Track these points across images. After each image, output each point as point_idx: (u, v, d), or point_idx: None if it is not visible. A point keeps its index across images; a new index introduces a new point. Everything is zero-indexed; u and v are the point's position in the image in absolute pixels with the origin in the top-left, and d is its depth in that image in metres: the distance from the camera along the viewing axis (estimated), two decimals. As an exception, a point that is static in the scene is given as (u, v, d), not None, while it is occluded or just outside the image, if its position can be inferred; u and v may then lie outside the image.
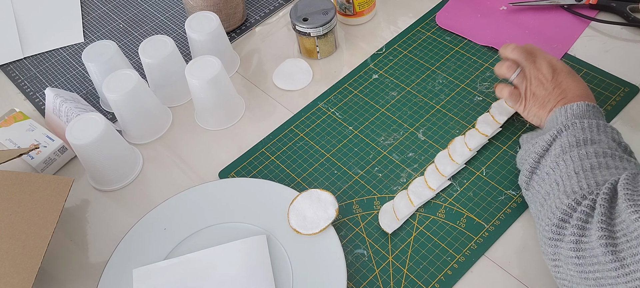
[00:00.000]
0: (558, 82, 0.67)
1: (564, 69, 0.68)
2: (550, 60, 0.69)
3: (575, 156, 0.58)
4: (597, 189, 0.53)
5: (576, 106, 0.63)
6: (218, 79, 0.78)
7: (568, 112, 0.63)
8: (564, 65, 0.69)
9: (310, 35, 0.87)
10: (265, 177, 0.76)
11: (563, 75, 0.68)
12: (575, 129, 0.60)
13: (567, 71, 0.68)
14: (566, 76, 0.68)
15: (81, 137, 0.73)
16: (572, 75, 0.68)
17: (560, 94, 0.66)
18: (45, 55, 1.02)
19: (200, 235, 0.70)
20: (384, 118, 0.81)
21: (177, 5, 1.07)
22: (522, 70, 0.71)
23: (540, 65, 0.69)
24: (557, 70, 0.68)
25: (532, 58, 0.70)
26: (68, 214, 0.77)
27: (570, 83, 0.67)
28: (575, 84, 0.67)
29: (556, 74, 0.68)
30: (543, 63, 0.69)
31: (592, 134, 0.59)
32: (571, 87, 0.66)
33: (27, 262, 0.62)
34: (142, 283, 0.66)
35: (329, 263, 0.65)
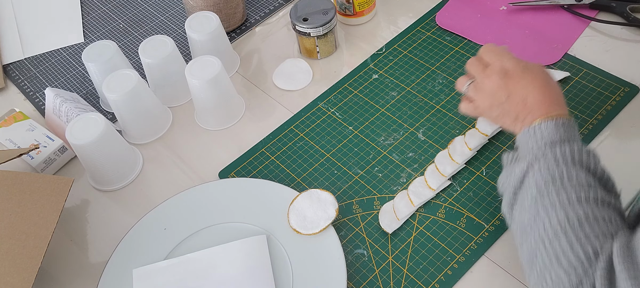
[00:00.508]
0: (511, 88, 0.61)
1: (517, 70, 0.61)
2: (502, 65, 0.62)
3: (555, 202, 0.51)
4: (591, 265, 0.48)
5: (544, 127, 0.56)
6: (218, 79, 0.78)
7: (537, 135, 0.57)
8: (518, 67, 0.62)
9: (310, 35, 0.87)
10: (265, 177, 0.76)
11: (517, 79, 0.61)
12: (547, 162, 0.54)
13: (520, 73, 0.61)
14: (521, 80, 0.60)
15: (81, 137, 0.73)
16: (530, 77, 0.60)
17: (520, 103, 0.60)
18: (45, 55, 1.02)
19: (200, 235, 0.70)
20: (384, 118, 0.81)
21: (177, 5, 1.07)
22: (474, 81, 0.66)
23: (490, 73, 0.63)
24: (509, 74, 0.61)
25: (484, 66, 0.65)
26: (68, 214, 0.77)
27: (528, 88, 0.60)
28: (534, 89, 0.59)
29: (507, 79, 0.61)
30: (493, 70, 0.63)
31: (567, 168, 0.53)
32: (531, 93, 0.59)
33: (27, 262, 0.62)
34: (142, 283, 0.66)
35: (329, 263, 0.65)
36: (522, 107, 0.60)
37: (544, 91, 0.59)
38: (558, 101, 0.59)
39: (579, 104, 0.76)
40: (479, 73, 0.65)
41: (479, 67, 0.65)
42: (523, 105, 0.59)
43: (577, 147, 0.54)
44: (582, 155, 0.54)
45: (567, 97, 0.77)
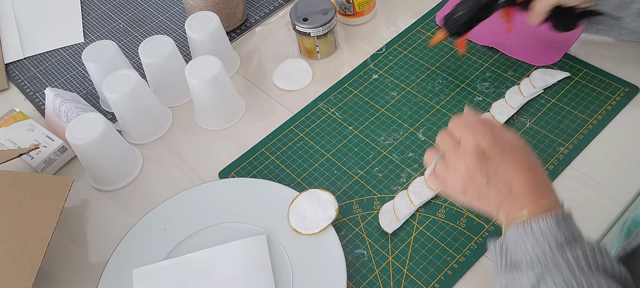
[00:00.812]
0: (490, 173, 0.53)
1: (496, 151, 0.53)
2: (478, 144, 0.54)
3: None
4: None
5: (544, 225, 0.49)
6: (218, 79, 0.78)
7: (537, 235, 0.49)
8: (497, 147, 0.54)
9: (310, 35, 0.87)
10: (265, 177, 0.76)
11: (496, 162, 0.53)
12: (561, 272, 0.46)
13: (499, 155, 0.53)
14: (501, 162, 0.53)
15: (81, 137, 0.73)
16: (512, 159, 0.53)
17: (503, 190, 0.52)
18: (45, 55, 1.02)
19: (200, 235, 0.70)
20: (384, 118, 0.81)
21: (177, 5, 1.07)
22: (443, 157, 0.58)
23: (463, 153, 0.55)
24: (487, 156, 0.53)
25: (456, 142, 0.57)
26: (68, 214, 0.77)
27: (510, 173, 0.52)
28: (518, 174, 0.52)
29: (485, 161, 0.53)
30: (468, 150, 0.54)
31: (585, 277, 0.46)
32: (515, 179, 0.52)
33: (27, 262, 0.62)
34: (142, 283, 0.66)
35: (329, 263, 0.65)
36: (506, 194, 0.52)
37: (529, 176, 0.52)
38: (545, 185, 0.53)
39: (579, 104, 0.77)
40: (451, 150, 0.56)
41: (451, 142, 0.57)
42: (507, 192, 0.52)
43: (588, 247, 0.48)
44: (596, 257, 0.47)
45: (567, 97, 0.78)
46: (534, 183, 0.52)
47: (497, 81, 0.82)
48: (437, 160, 0.58)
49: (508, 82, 0.81)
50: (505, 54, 0.85)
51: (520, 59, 0.83)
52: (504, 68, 0.83)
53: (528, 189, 0.52)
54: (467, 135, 0.55)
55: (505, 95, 0.78)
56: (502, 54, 0.85)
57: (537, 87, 0.78)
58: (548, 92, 0.79)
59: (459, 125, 0.57)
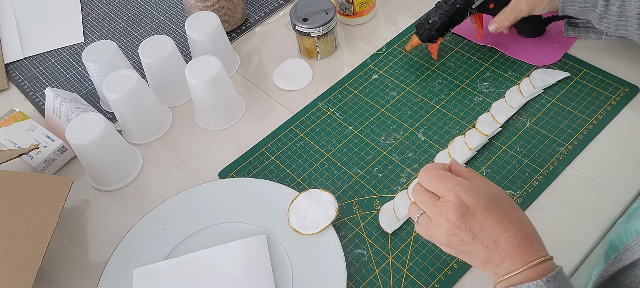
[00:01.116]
0: (475, 229, 0.51)
1: (480, 206, 0.51)
2: (460, 199, 0.51)
3: None
4: None
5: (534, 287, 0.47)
6: (218, 79, 0.78)
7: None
8: (480, 201, 0.51)
9: (310, 35, 0.87)
10: (265, 177, 0.76)
11: (481, 218, 0.51)
12: None
13: (483, 210, 0.51)
14: (486, 218, 0.50)
15: (81, 137, 0.73)
16: (497, 213, 0.51)
17: (491, 246, 0.50)
18: (45, 55, 1.02)
19: (200, 235, 0.70)
20: (384, 118, 0.81)
21: (177, 5, 1.07)
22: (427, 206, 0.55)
23: (445, 209, 0.52)
24: (470, 211, 0.51)
25: (434, 197, 0.54)
26: (68, 214, 0.77)
27: (497, 228, 0.50)
28: (505, 229, 0.50)
29: (469, 217, 0.51)
30: (449, 206, 0.51)
31: None
32: (503, 235, 0.50)
33: (27, 262, 0.62)
34: (142, 283, 0.66)
35: (329, 263, 0.65)
36: (494, 250, 0.50)
37: (517, 231, 0.50)
38: (534, 239, 0.51)
39: (579, 104, 0.77)
40: (431, 207, 0.53)
41: (429, 199, 0.54)
42: (495, 248, 0.50)
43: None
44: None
45: (567, 97, 0.78)
46: (523, 237, 0.50)
47: (497, 81, 0.82)
48: (420, 215, 0.56)
49: (508, 82, 0.81)
50: (505, 54, 0.85)
51: (520, 59, 0.83)
52: (504, 68, 0.83)
53: (518, 244, 0.50)
54: (445, 189, 0.52)
55: (505, 95, 0.78)
56: (502, 54, 0.85)
57: (537, 87, 0.78)
58: (548, 92, 0.79)
59: (431, 178, 0.54)
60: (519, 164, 0.71)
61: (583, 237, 0.64)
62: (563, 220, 0.65)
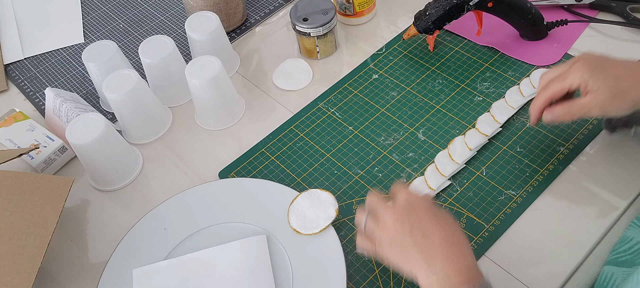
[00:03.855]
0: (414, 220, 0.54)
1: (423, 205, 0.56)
2: (408, 198, 0.56)
3: None
4: None
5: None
6: (218, 79, 0.78)
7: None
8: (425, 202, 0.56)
9: (310, 35, 0.87)
10: (265, 177, 0.76)
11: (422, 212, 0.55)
12: None
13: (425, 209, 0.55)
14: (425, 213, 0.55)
15: (81, 137, 0.73)
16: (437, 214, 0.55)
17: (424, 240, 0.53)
18: (45, 55, 1.03)
19: (200, 235, 0.70)
20: (384, 118, 0.81)
21: (177, 5, 1.07)
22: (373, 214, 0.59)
23: (393, 205, 0.57)
24: (415, 207, 0.56)
25: (383, 203, 0.58)
26: (68, 214, 0.77)
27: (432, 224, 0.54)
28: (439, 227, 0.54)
29: (412, 210, 0.55)
30: (398, 201, 0.57)
31: None
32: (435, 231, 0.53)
33: (27, 262, 0.62)
34: (142, 283, 0.66)
35: (329, 263, 0.65)
36: (426, 246, 0.53)
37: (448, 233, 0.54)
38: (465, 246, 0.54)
39: (579, 104, 0.76)
40: (382, 207, 0.58)
41: (382, 201, 0.59)
42: (427, 243, 0.53)
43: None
44: None
45: (567, 97, 0.77)
46: (452, 242, 0.53)
47: (497, 81, 0.82)
48: (367, 218, 0.59)
49: (508, 82, 0.81)
50: (505, 54, 0.85)
51: (520, 59, 0.84)
52: (504, 68, 0.83)
53: (448, 246, 0.53)
54: (400, 193, 0.57)
55: (505, 95, 0.78)
56: (502, 54, 0.85)
57: (537, 87, 0.78)
58: (548, 92, 0.79)
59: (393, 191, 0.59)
60: (519, 164, 0.72)
61: (583, 237, 0.64)
62: (563, 220, 0.65)
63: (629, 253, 0.59)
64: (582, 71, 0.59)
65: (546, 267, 0.62)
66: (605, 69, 0.58)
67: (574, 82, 0.60)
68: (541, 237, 0.64)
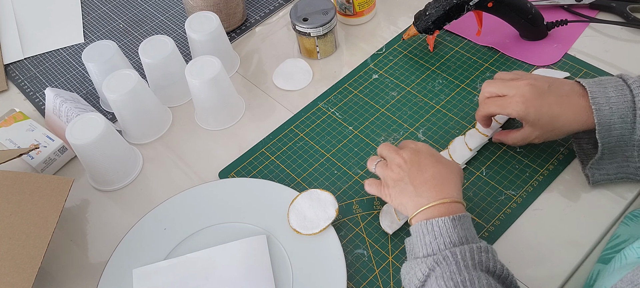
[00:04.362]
0: (418, 161, 0.62)
1: (427, 152, 0.63)
2: (416, 146, 0.65)
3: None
4: None
5: (442, 224, 0.56)
6: (218, 79, 0.78)
7: (436, 231, 0.56)
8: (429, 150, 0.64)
9: (310, 35, 0.87)
10: (265, 177, 0.76)
11: (424, 156, 0.63)
12: (449, 266, 0.53)
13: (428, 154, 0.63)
14: (428, 157, 0.62)
15: (81, 137, 0.73)
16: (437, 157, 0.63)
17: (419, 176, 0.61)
18: (45, 55, 1.02)
19: (200, 235, 0.70)
20: (384, 118, 0.81)
21: (177, 5, 1.07)
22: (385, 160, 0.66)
23: (402, 150, 0.64)
24: (421, 152, 0.63)
25: (396, 149, 0.66)
26: (68, 214, 0.77)
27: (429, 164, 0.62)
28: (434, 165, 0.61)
29: (418, 155, 0.63)
30: (406, 148, 0.65)
31: (469, 273, 0.52)
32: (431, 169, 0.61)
33: (27, 262, 0.62)
34: (142, 283, 0.66)
35: (329, 263, 0.65)
36: (419, 180, 0.60)
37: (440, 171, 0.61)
38: (451, 183, 0.60)
39: (579, 104, 0.76)
40: (392, 151, 0.65)
41: (393, 148, 0.66)
42: (420, 178, 0.60)
43: (476, 247, 0.54)
44: (481, 256, 0.54)
45: (567, 97, 0.77)
46: (443, 178, 0.60)
47: (497, 81, 0.82)
48: (377, 163, 0.67)
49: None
50: (505, 54, 0.85)
51: (521, 59, 0.84)
52: (504, 68, 0.83)
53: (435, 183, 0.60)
54: (408, 143, 0.66)
55: (505, 95, 0.78)
56: (502, 54, 0.85)
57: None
58: (548, 92, 0.79)
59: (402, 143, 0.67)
60: (519, 164, 0.72)
61: (583, 237, 0.64)
62: (563, 220, 0.65)
63: (614, 251, 0.60)
64: (520, 107, 0.64)
65: (546, 267, 0.62)
66: (541, 107, 0.63)
67: (512, 113, 0.65)
68: (541, 237, 0.64)
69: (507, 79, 0.68)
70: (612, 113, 0.61)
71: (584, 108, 0.62)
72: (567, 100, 0.63)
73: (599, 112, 0.61)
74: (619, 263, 0.53)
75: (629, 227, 0.61)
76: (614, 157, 0.65)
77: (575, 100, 0.63)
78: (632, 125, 0.61)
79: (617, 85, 0.62)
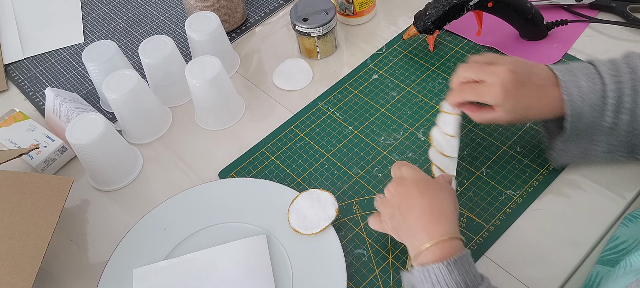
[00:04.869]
0: (403, 195, 0.58)
1: (411, 179, 0.59)
2: (400, 174, 0.61)
3: None
4: None
5: (438, 270, 0.52)
6: (218, 79, 0.78)
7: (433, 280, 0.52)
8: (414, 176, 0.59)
9: (310, 35, 0.87)
10: (265, 177, 0.76)
11: (408, 185, 0.58)
12: None
13: (412, 183, 0.58)
14: (411, 187, 0.58)
15: (81, 137, 0.73)
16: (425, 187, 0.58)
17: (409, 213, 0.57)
18: (45, 55, 1.03)
19: (200, 235, 0.70)
20: (384, 118, 0.81)
21: (177, 5, 1.07)
22: None
23: (390, 183, 0.61)
24: (404, 182, 0.59)
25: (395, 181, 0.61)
26: (68, 214, 0.77)
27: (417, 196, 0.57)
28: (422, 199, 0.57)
29: (401, 184, 0.59)
30: (393, 180, 0.61)
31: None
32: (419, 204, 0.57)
33: (27, 262, 0.62)
34: (142, 283, 0.66)
35: (329, 263, 0.65)
36: (411, 218, 0.57)
37: (431, 206, 0.56)
38: (445, 216, 0.56)
39: (579, 104, 0.76)
40: (389, 186, 0.62)
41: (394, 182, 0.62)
42: (412, 216, 0.57)
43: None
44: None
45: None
46: (432, 212, 0.56)
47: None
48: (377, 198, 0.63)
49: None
50: (505, 54, 0.85)
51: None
52: (504, 68, 0.83)
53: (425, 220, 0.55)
54: (394, 170, 0.63)
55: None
56: (503, 53, 0.85)
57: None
58: (548, 92, 0.79)
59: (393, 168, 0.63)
60: (519, 164, 0.72)
61: (583, 237, 0.64)
62: (563, 220, 0.65)
63: (614, 252, 0.60)
64: (497, 96, 0.62)
65: (546, 267, 0.62)
66: (519, 98, 0.62)
67: (488, 101, 0.63)
68: (541, 237, 0.64)
69: (482, 62, 0.65)
70: (583, 102, 0.61)
71: (557, 99, 0.62)
72: (543, 91, 0.62)
73: (570, 103, 0.61)
74: (623, 270, 0.52)
75: (628, 229, 0.61)
76: (580, 141, 0.65)
77: (550, 92, 0.62)
78: (601, 112, 0.61)
79: (589, 73, 0.61)
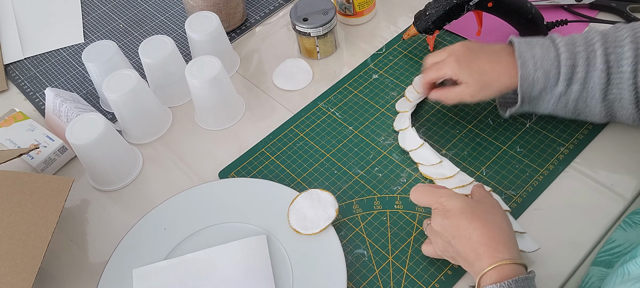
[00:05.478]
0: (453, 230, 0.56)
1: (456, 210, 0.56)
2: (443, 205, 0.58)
3: None
4: None
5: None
6: (218, 79, 0.78)
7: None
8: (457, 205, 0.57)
9: (310, 35, 0.87)
10: (265, 177, 0.76)
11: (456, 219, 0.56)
12: None
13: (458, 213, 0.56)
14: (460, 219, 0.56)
15: (81, 137, 0.73)
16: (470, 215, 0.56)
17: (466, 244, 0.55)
18: (45, 55, 1.03)
19: (200, 235, 0.70)
20: (384, 118, 0.81)
21: (177, 5, 1.07)
22: None
23: (433, 215, 0.59)
24: (449, 214, 0.57)
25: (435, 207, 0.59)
26: (68, 214, 0.77)
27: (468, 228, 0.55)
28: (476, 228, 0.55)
29: (448, 219, 0.57)
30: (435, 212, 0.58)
31: None
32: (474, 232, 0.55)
33: (27, 262, 0.62)
34: (142, 283, 0.66)
35: (329, 263, 0.65)
36: (469, 249, 0.55)
37: (487, 230, 0.55)
38: (502, 240, 0.54)
39: (579, 104, 0.76)
40: (428, 225, 0.61)
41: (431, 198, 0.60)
42: (469, 245, 0.55)
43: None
44: None
45: (567, 97, 0.77)
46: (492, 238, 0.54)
47: (497, 81, 0.82)
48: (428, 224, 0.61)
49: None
50: (505, 54, 0.85)
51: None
52: (504, 68, 0.83)
53: (486, 244, 0.54)
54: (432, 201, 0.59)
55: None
56: (502, 54, 0.85)
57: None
58: (548, 92, 0.79)
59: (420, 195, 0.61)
60: (519, 164, 0.72)
61: (583, 237, 0.64)
62: (563, 220, 0.65)
63: (609, 254, 0.60)
64: (453, 66, 0.68)
65: (546, 267, 0.62)
66: (472, 64, 0.68)
67: (447, 73, 0.69)
68: (541, 237, 0.64)
69: None
70: (536, 68, 0.64)
71: (512, 65, 0.66)
72: (497, 57, 0.67)
73: (523, 67, 0.64)
74: (621, 278, 0.52)
75: (625, 232, 0.61)
76: (533, 105, 0.69)
77: (504, 58, 0.67)
78: (555, 79, 0.65)
79: (544, 44, 0.66)
